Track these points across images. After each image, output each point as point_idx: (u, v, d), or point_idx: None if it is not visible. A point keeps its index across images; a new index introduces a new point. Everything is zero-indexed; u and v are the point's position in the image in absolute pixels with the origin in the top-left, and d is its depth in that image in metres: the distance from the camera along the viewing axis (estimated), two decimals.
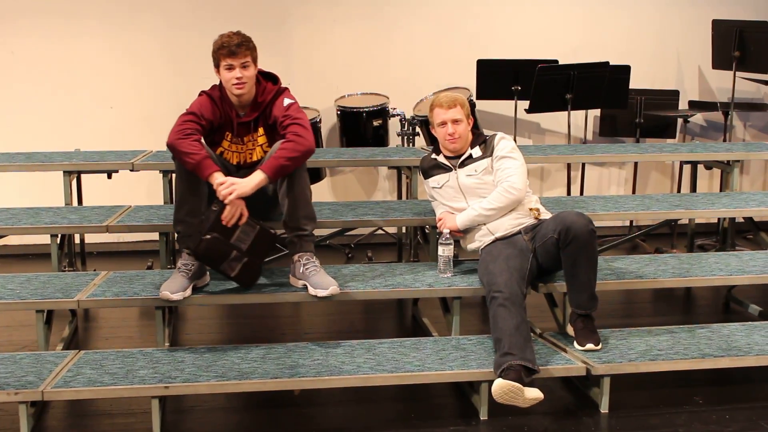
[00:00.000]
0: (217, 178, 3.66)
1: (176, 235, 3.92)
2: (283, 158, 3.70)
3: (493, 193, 3.90)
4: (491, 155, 3.96)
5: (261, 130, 3.94)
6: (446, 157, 4.04)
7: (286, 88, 3.96)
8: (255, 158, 3.97)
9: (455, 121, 3.94)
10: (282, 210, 3.85)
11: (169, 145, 3.72)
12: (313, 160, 4.75)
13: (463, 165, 3.99)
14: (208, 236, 3.68)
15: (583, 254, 3.62)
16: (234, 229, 3.71)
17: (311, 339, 4.01)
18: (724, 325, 4.03)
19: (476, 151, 3.99)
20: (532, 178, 6.29)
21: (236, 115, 3.90)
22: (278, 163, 3.70)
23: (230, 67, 3.78)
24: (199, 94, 3.91)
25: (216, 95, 3.89)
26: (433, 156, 4.10)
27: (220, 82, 3.89)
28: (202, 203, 3.83)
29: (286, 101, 3.87)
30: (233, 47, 3.76)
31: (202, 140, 3.82)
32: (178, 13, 6.05)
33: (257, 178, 3.70)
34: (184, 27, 6.04)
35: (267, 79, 3.96)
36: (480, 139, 4.03)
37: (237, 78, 3.78)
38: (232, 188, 3.65)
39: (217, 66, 3.84)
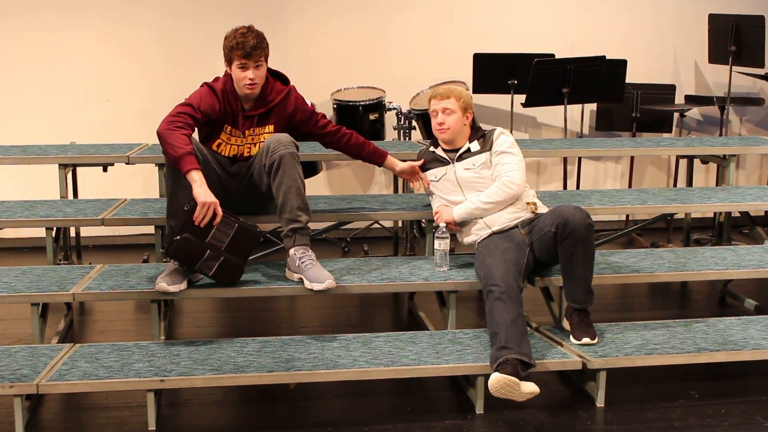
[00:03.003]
0: (194, 176, 3.57)
1: (168, 230, 3.89)
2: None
3: (491, 187, 3.90)
4: (490, 150, 3.95)
5: (271, 127, 3.95)
6: (444, 150, 4.03)
7: (293, 87, 4.01)
8: (253, 152, 3.95)
9: (446, 111, 3.94)
10: (277, 203, 3.83)
11: (158, 134, 3.67)
12: (310, 154, 4.76)
13: (461, 158, 3.98)
14: (178, 237, 3.62)
15: (580, 248, 3.61)
16: (209, 228, 3.64)
17: (307, 332, 4.01)
18: (720, 320, 4.04)
19: (474, 145, 3.98)
20: (529, 173, 6.24)
21: (241, 108, 3.89)
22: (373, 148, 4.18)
23: (243, 67, 3.78)
24: (201, 85, 3.89)
25: (219, 88, 3.86)
26: (432, 149, 4.10)
27: (226, 74, 3.88)
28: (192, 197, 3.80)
29: (308, 101, 4.04)
30: (249, 49, 3.74)
31: (195, 135, 3.79)
32: (174, 6, 6.03)
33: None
34: (180, 19, 6.02)
35: (275, 77, 3.97)
36: (479, 133, 4.03)
37: (250, 79, 3.79)
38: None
39: (229, 62, 3.82)
